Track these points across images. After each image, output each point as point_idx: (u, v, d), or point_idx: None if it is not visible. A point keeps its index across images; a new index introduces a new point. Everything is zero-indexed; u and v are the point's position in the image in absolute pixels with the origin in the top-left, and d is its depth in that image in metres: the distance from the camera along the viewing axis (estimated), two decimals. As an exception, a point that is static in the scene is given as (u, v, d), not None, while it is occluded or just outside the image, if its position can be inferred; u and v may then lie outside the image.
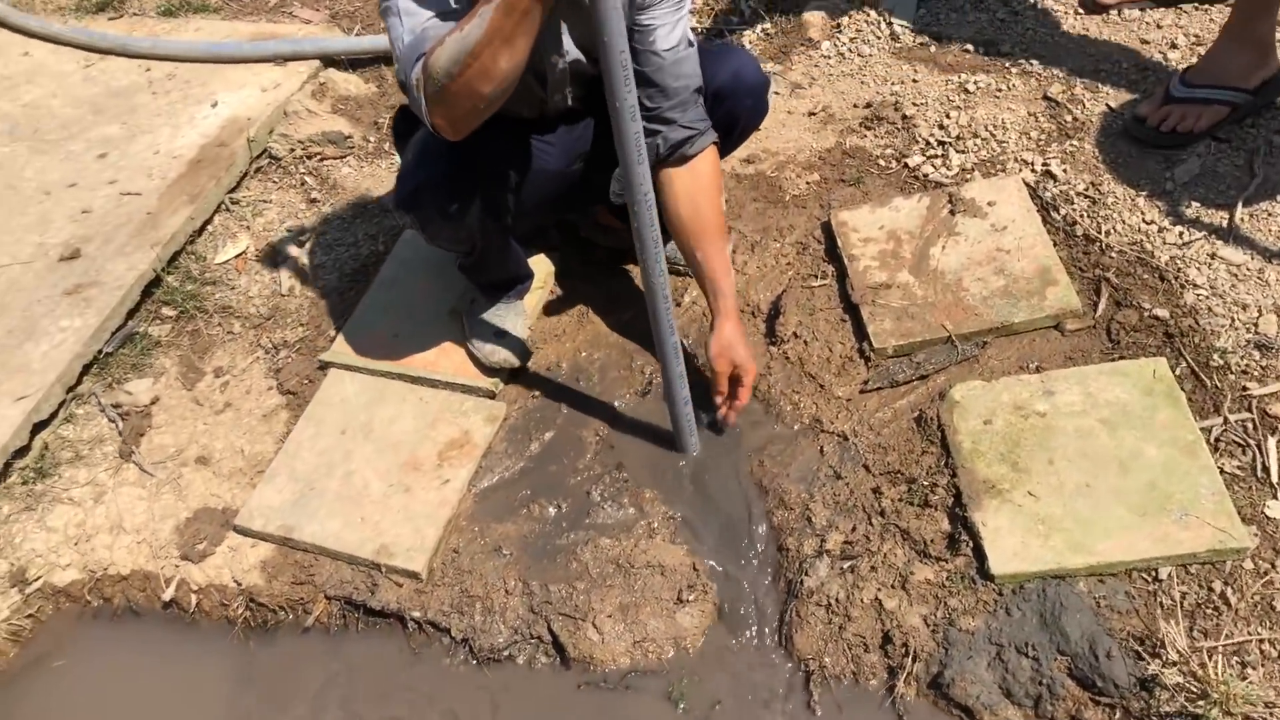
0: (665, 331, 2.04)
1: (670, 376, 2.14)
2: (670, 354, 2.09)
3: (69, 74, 3.54)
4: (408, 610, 2.17)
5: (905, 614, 1.98)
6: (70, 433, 2.55)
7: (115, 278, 2.76)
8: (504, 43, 1.70)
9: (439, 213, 2.15)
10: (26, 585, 2.32)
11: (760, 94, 2.30)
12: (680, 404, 2.21)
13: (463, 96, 1.76)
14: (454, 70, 1.72)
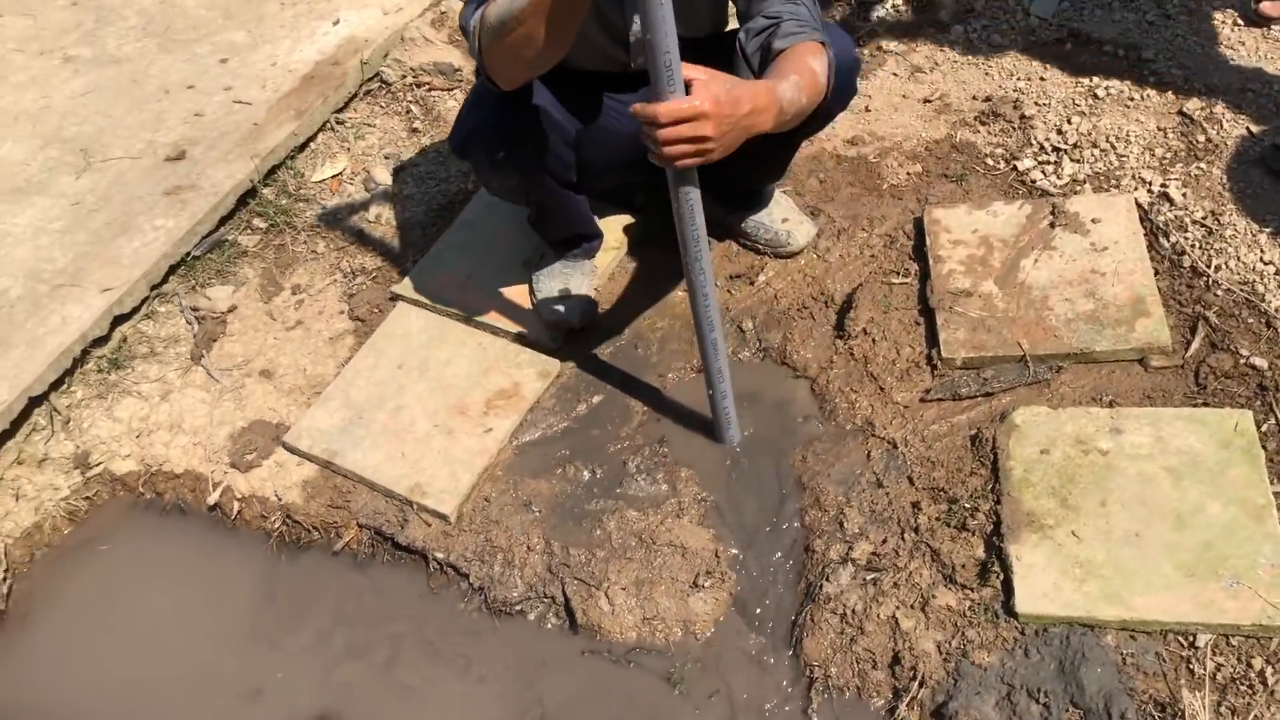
0: (706, 327, 1.99)
1: (710, 370, 2.09)
2: (710, 349, 2.04)
3: (208, -24, 3.63)
4: (432, 550, 2.19)
5: (920, 637, 1.91)
6: (149, 329, 2.64)
7: (214, 184, 2.83)
8: (544, 17, 1.65)
9: (488, 160, 2.14)
10: (88, 469, 2.43)
11: (849, 75, 2.19)
12: (720, 397, 2.16)
13: (508, 55, 1.74)
14: (500, 31, 1.70)
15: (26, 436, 2.44)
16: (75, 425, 2.48)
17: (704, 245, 1.87)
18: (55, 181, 2.90)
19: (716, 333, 2.02)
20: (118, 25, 3.47)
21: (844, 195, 2.65)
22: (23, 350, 2.47)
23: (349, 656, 2.12)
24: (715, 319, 1.99)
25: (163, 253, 2.67)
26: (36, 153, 3.01)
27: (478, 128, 2.11)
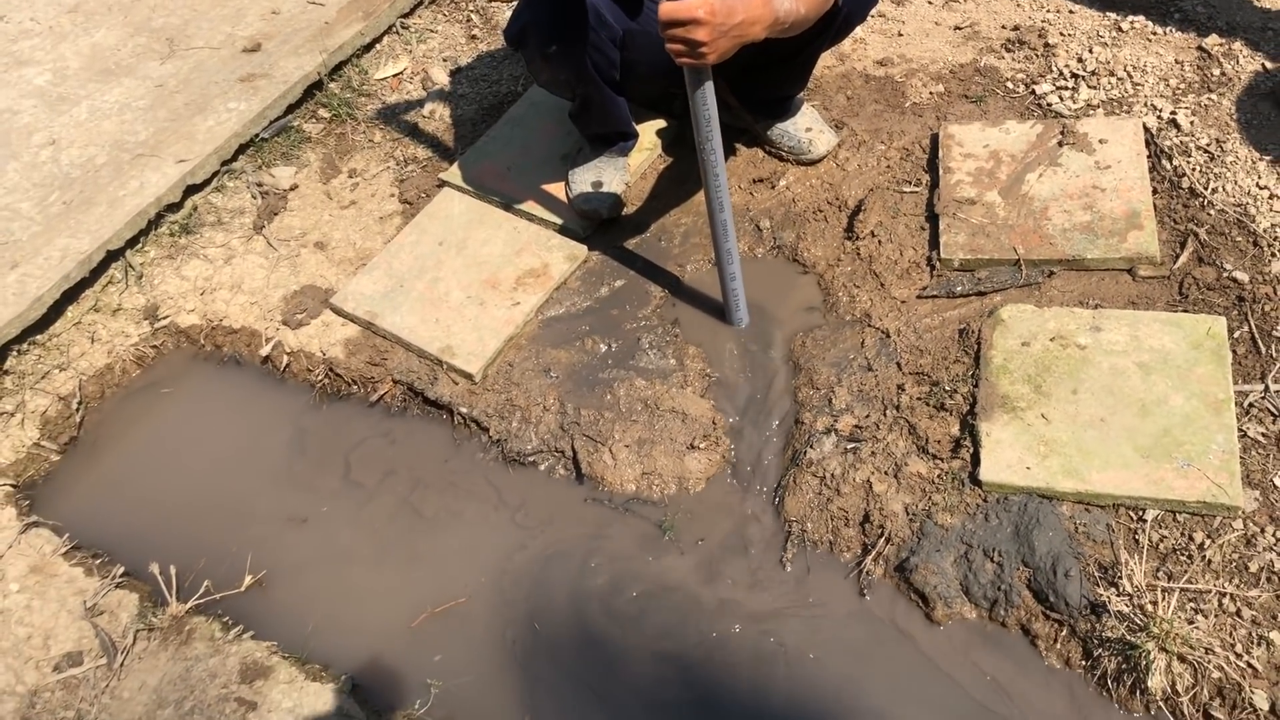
0: (716, 207, 2.16)
1: (720, 250, 2.26)
2: (719, 230, 2.21)
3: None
4: (457, 405, 2.41)
5: (890, 499, 2.08)
6: (218, 200, 2.88)
7: (284, 74, 3.05)
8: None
9: (540, 53, 2.31)
10: (156, 321, 2.68)
11: None
12: (729, 279, 2.33)
13: None
14: None
15: (104, 287, 2.70)
16: (147, 281, 2.73)
17: (715, 127, 2.04)
18: (142, 65, 3.15)
19: (726, 214, 2.19)
20: (206, -70, 3.71)
21: (868, 111, 2.79)
22: (104, 209, 2.72)
23: (380, 492, 2.34)
24: (725, 200, 2.16)
25: (234, 132, 2.90)
26: (127, 39, 3.26)
27: (534, 20, 2.29)
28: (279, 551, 2.25)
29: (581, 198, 2.64)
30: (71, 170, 2.84)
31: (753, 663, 1.99)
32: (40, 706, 1.99)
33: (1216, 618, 1.82)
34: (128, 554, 2.26)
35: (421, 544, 2.24)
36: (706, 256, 2.59)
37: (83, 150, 2.90)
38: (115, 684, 2.01)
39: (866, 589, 2.03)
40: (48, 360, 2.58)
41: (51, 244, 2.64)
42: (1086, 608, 1.88)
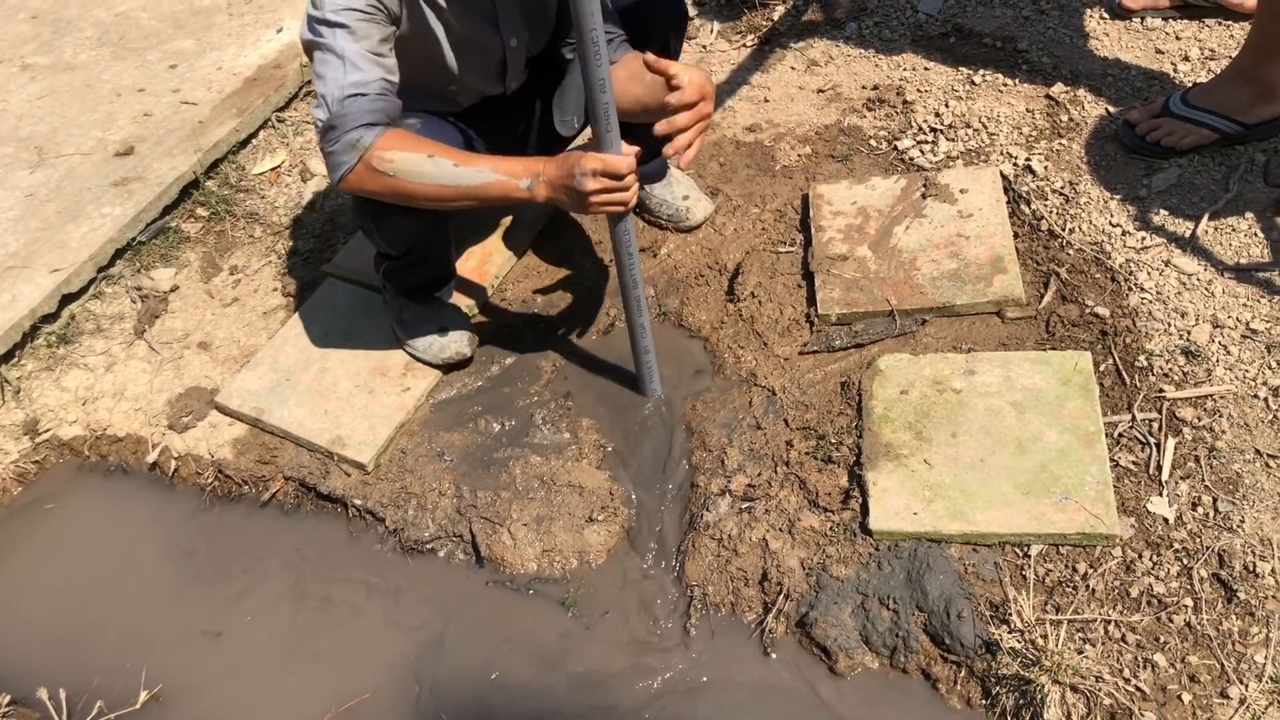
0: (629, 284, 2.18)
1: (634, 325, 2.29)
2: (634, 306, 2.23)
3: (160, -9, 3.85)
4: (351, 498, 2.38)
5: (786, 555, 2.11)
6: (96, 307, 2.83)
7: (159, 176, 3.03)
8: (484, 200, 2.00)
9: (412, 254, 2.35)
10: (37, 435, 2.61)
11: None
12: (643, 352, 2.36)
13: (397, 196, 2.00)
14: (413, 185, 1.96)
15: (-21, 405, 2.63)
16: (25, 395, 2.66)
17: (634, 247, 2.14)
18: (10, 175, 3.10)
19: (641, 290, 2.22)
20: (74, 36, 3.68)
21: (741, 176, 2.87)
22: (-25, 326, 2.65)
23: (278, 593, 2.29)
24: (639, 276, 2.19)
25: (109, 238, 2.86)
26: (-7, 151, 3.21)
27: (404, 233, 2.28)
28: (176, 664, 2.19)
29: (436, 350, 2.54)
30: (-61, 287, 2.77)
31: (663, 732, 1.99)
32: None
33: (1104, 645, 1.88)
34: (13, 681, 2.18)
35: (323, 643, 2.20)
36: (595, 328, 2.62)
37: (-50, 266, 2.83)
38: (4, 821, 1.93)
39: (770, 647, 2.05)
40: (-79, 485, 2.49)
41: (-80, 365, 2.56)
42: (981, 647, 1.92)
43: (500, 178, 1.98)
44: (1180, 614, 1.89)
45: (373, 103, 1.96)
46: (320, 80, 1.97)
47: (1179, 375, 2.21)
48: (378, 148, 1.94)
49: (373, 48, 1.98)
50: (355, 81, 1.95)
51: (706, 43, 3.32)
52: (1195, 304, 2.31)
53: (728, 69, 3.20)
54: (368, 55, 1.97)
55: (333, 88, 1.95)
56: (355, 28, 1.95)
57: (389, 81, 2.01)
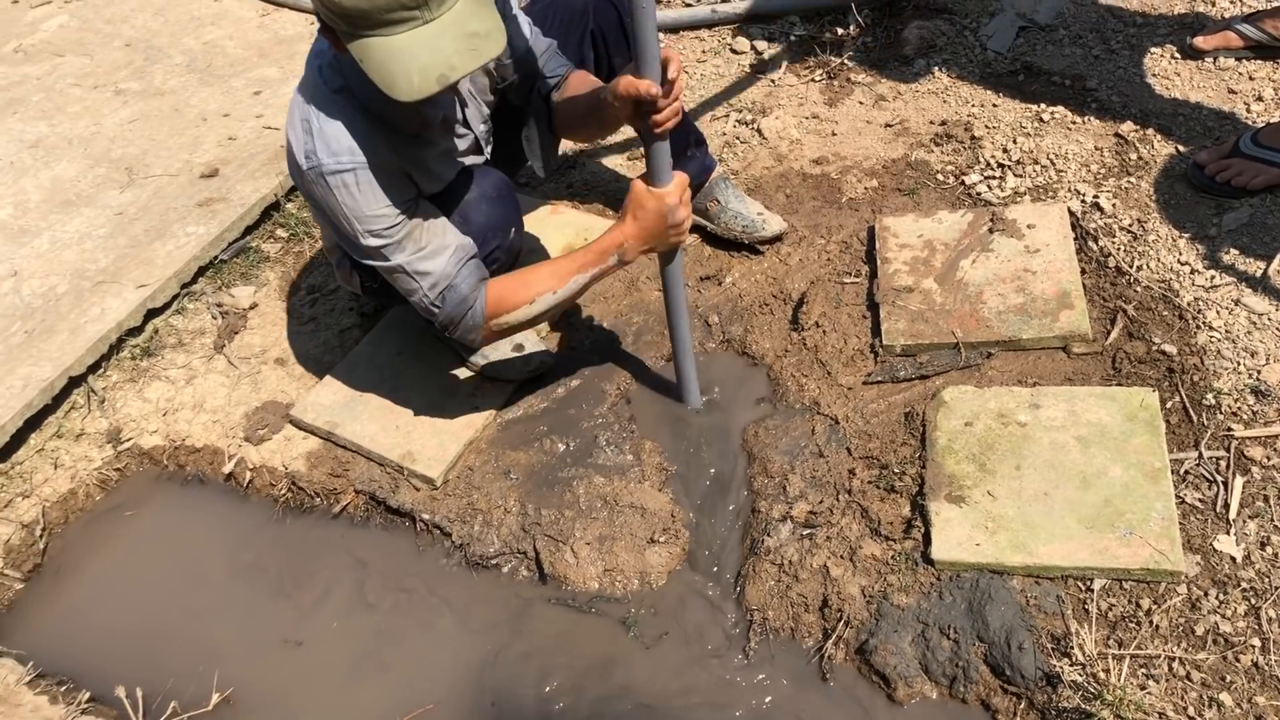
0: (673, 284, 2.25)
1: (675, 326, 2.34)
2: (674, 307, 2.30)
3: (247, 20, 4.00)
4: (419, 512, 2.44)
5: (847, 583, 2.12)
6: (179, 322, 2.94)
7: (241, 197, 3.14)
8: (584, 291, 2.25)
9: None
10: (119, 444, 2.70)
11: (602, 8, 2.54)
12: (683, 355, 2.42)
13: (527, 328, 2.30)
14: (535, 319, 2.24)
15: (66, 413, 2.73)
16: (109, 404, 2.76)
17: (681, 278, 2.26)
18: (102, 195, 3.23)
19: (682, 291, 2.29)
20: (165, 63, 3.83)
21: (807, 208, 2.91)
22: (65, 336, 2.76)
23: (346, 603, 2.35)
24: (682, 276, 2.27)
25: (193, 255, 2.97)
26: (87, 171, 3.34)
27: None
28: (247, 669, 2.25)
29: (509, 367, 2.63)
30: (33, 300, 2.89)
31: (721, 754, 2.00)
32: (4, 841, 1.97)
33: (1167, 682, 1.87)
34: (93, 679, 2.25)
35: (388, 653, 2.25)
36: (659, 354, 2.66)
37: (44, 280, 2.96)
38: (81, 813, 1.99)
39: (829, 674, 2.06)
40: (10, 488, 2.59)
41: (13, 373, 2.67)
42: (1042, 679, 1.92)
43: (594, 273, 2.20)
44: (1247, 654, 1.87)
45: (456, 287, 2.17)
46: (408, 295, 2.20)
47: (1248, 414, 2.19)
48: (489, 318, 2.21)
49: (420, 239, 2.15)
50: (433, 282, 2.16)
51: (775, 77, 3.37)
52: (1265, 343, 2.30)
53: (795, 103, 3.25)
54: (422, 252, 2.15)
55: (419, 299, 2.19)
56: (399, 238, 2.12)
57: (459, 247, 2.19)
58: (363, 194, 2.05)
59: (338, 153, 2.03)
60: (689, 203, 2.13)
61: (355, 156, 2.03)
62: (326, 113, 2.03)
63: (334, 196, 2.06)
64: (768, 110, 3.23)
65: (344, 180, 2.04)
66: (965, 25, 3.34)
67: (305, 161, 2.05)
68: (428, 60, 1.79)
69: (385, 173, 2.08)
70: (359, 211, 2.07)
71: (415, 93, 1.80)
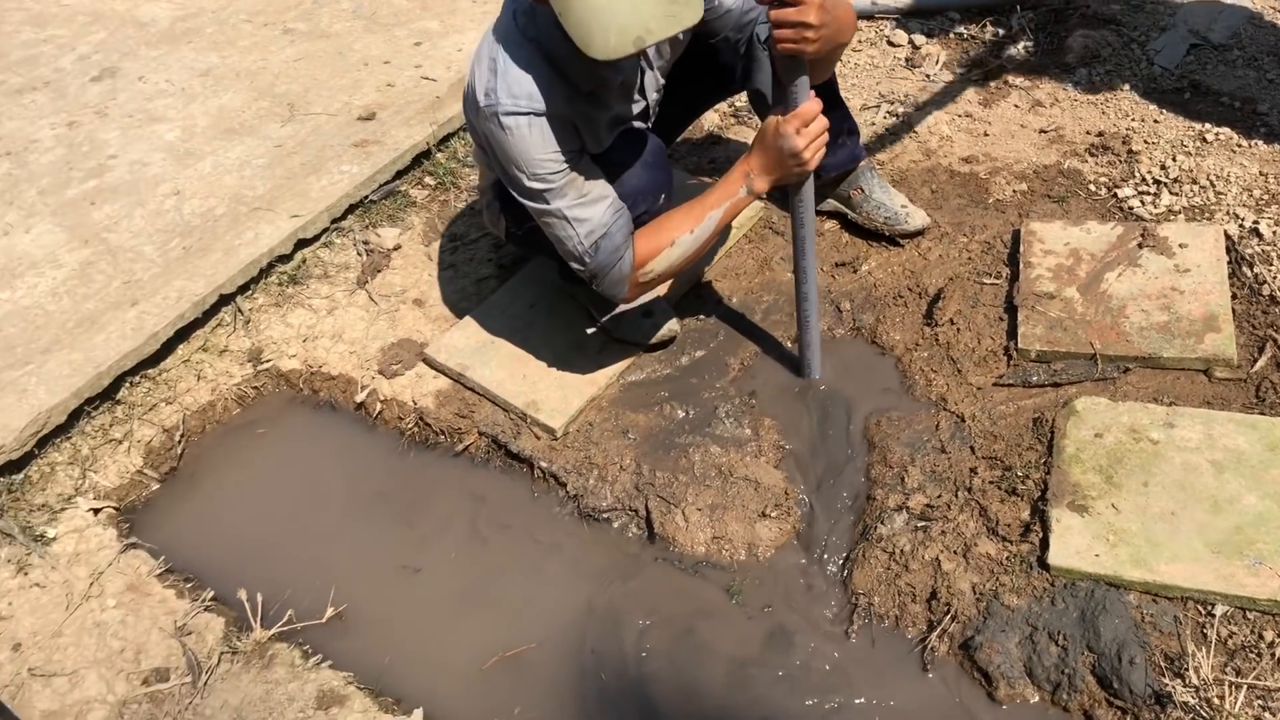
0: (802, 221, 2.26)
1: (802, 294, 2.36)
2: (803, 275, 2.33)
3: (413, -27, 4.11)
4: (538, 460, 2.50)
5: (958, 578, 2.11)
6: (326, 255, 3.05)
7: (395, 142, 3.24)
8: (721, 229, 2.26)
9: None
10: (259, 363, 2.83)
11: None
12: (806, 326, 2.43)
13: (669, 276, 2.35)
14: (676, 269, 2.31)
15: (213, 329, 2.86)
16: (254, 325, 2.89)
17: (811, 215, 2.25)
18: (264, 127, 3.37)
19: (813, 259, 2.31)
20: (332, 7, 3.97)
21: (952, 205, 2.88)
22: (220, 256, 2.89)
23: (460, 538, 2.42)
24: (814, 246, 2.29)
25: (345, 193, 3.08)
26: (251, 103, 3.49)
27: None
28: (360, 587, 2.34)
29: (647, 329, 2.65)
30: (192, 219, 3.04)
31: (813, 729, 2.02)
32: (128, 717, 2.08)
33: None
34: (217, 580, 2.36)
35: (496, 590, 2.31)
36: (785, 334, 2.67)
37: (204, 201, 3.10)
38: (198, 701, 2.10)
39: (930, 665, 2.06)
40: (156, 394, 2.73)
41: (169, 285, 2.81)
42: (1151, 697, 1.88)
43: (726, 206, 2.23)
44: (1373, 699, 1.81)
45: (611, 236, 2.21)
46: (560, 243, 2.25)
47: (1398, 458, 2.11)
48: (636, 269, 2.26)
49: (581, 187, 2.20)
50: (589, 230, 2.20)
51: (931, 72, 3.34)
52: None
53: (950, 99, 3.22)
54: (583, 199, 2.19)
55: (573, 246, 2.23)
56: (562, 184, 2.17)
57: (613, 201, 2.23)
58: (533, 139, 2.11)
59: (517, 96, 2.09)
60: (811, 134, 2.09)
61: (533, 103, 2.09)
62: (514, 57, 2.09)
63: (506, 137, 2.12)
64: (920, 104, 3.21)
65: (518, 123, 2.10)
66: (1133, 38, 3.26)
67: (484, 99, 2.12)
68: (626, 21, 1.83)
69: (558, 123, 2.13)
70: (528, 155, 2.13)
71: (610, 52, 1.84)
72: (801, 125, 2.08)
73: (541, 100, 2.09)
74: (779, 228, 2.94)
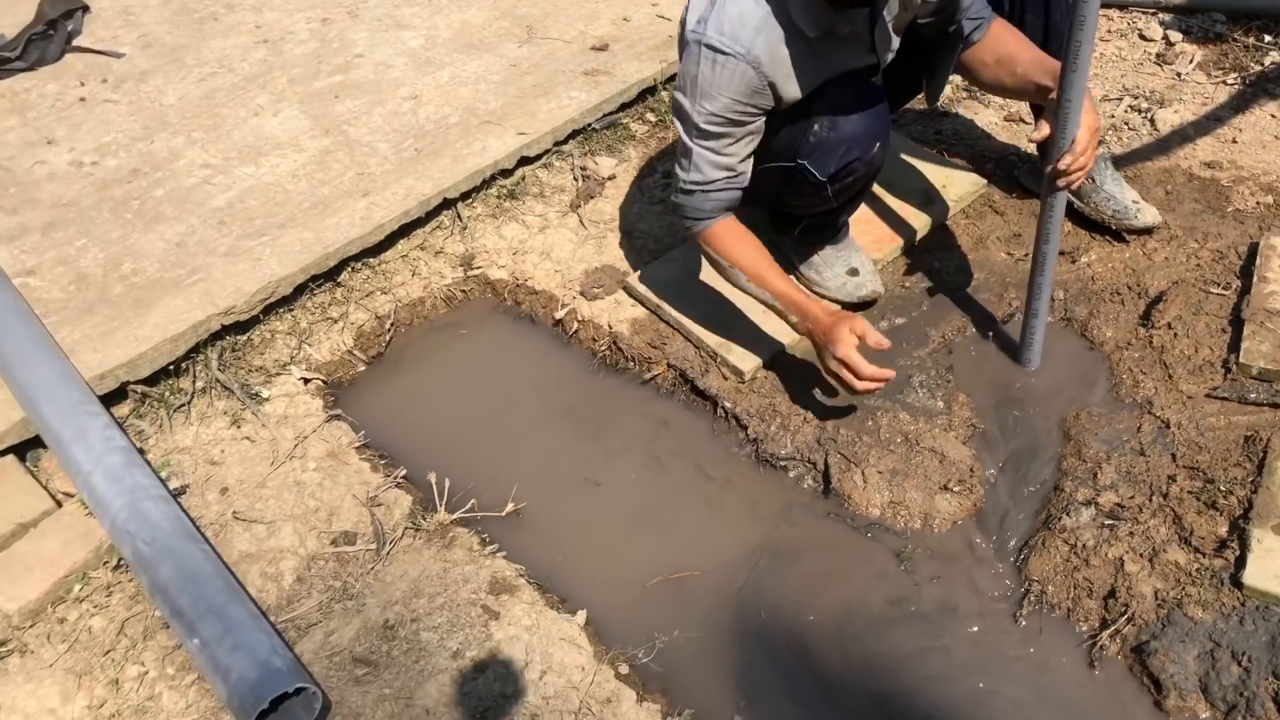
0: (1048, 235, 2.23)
1: (1035, 283, 2.32)
2: (1043, 266, 2.28)
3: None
4: (723, 399, 2.53)
5: (1140, 581, 2.05)
6: (544, 175, 3.14)
7: (624, 75, 3.31)
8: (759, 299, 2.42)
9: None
10: (470, 269, 2.95)
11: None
12: (1035, 315, 2.38)
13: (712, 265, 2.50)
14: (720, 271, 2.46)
15: (432, 230, 2.99)
16: (470, 232, 3.01)
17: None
18: (501, 45, 3.49)
19: (1055, 245, 2.27)
20: (577, -60, 4.05)
21: (1186, 209, 2.76)
22: (448, 162, 3.02)
23: (638, 461, 2.48)
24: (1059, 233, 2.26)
25: (570, 118, 3.16)
26: (492, 21, 3.61)
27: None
28: (539, 490, 2.42)
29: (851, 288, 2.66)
30: (426, 124, 3.18)
31: (965, 706, 1.99)
32: (315, 571, 2.23)
33: None
34: (408, 461, 2.49)
35: (669, 515, 2.37)
36: (994, 313, 2.62)
37: (439, 109, 3.23)
38: (380, 567, 2.23)
39: (1096, 662, 2.01)
40: (373, 282, 2.88)
41: (399, 182, 2.95)
42: (1336, 737, 1.80)
43: (773, 304, 2.39)
44: None
45: (707, 198, 2.34)
46: (678, 164, 2.36)
47: None
48: (703, 237, 2.41)
49: (722, 146, 2.27)
50: (696, 180, 2.32)
51: (1182, 71, 3.19)
52: None
53: (1198, 101, 3.07)
54: (714, 155, 2.28)
55: (680, 176, 2.36)
56: (714, 131, 2.24)
57: (731, 176, 2.32)
58: (718, 80, 2.15)
59: (724, 34, 2.12)
60: (855, 362, 2.23)
61: (737, 45, 2.12)
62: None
63: (696, 66, 2.17)
64: (1165, 102, 3.07)
65: (714, 59, 2.13)
66: None
67: (694, 25, 2.16)
68: None
69: (755, 77, 2.16)
70: (705, 90, 2.18)
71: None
72: (845, 365, 2.23)
73: (748, 45, 2.12)
74: (999, 207, 2.88)
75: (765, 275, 2.37)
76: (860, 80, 2.36)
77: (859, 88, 2.34)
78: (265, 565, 2.23)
